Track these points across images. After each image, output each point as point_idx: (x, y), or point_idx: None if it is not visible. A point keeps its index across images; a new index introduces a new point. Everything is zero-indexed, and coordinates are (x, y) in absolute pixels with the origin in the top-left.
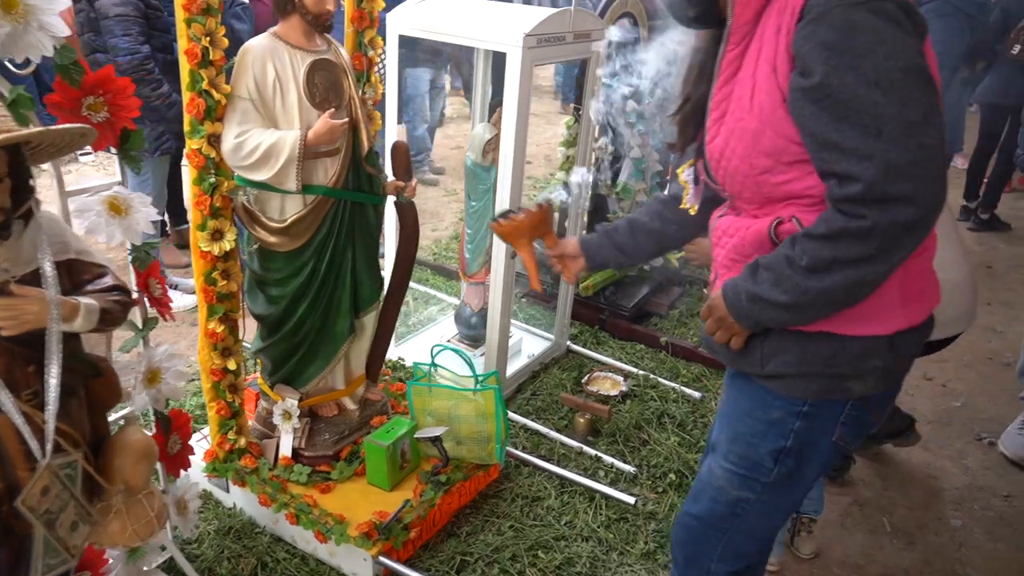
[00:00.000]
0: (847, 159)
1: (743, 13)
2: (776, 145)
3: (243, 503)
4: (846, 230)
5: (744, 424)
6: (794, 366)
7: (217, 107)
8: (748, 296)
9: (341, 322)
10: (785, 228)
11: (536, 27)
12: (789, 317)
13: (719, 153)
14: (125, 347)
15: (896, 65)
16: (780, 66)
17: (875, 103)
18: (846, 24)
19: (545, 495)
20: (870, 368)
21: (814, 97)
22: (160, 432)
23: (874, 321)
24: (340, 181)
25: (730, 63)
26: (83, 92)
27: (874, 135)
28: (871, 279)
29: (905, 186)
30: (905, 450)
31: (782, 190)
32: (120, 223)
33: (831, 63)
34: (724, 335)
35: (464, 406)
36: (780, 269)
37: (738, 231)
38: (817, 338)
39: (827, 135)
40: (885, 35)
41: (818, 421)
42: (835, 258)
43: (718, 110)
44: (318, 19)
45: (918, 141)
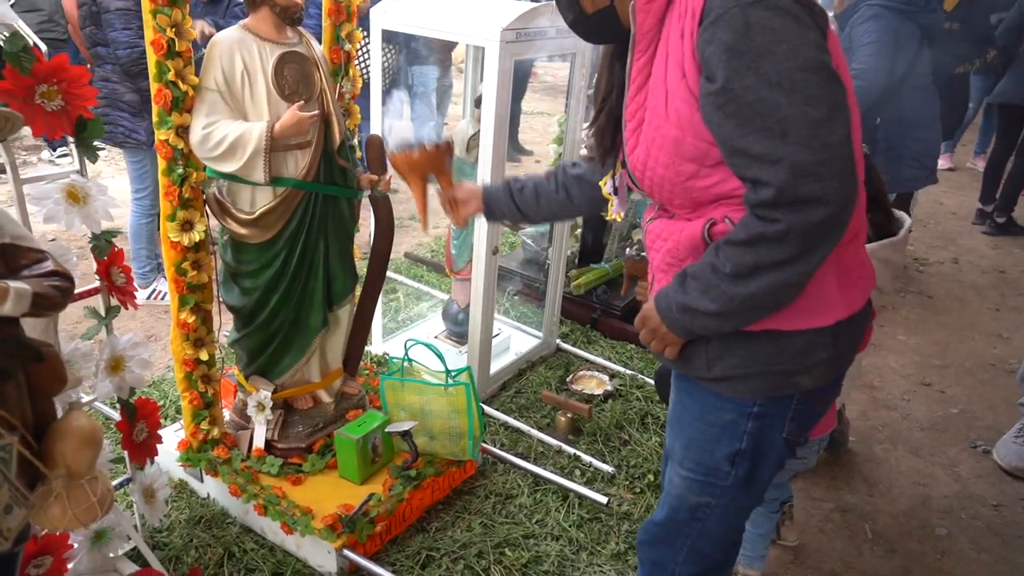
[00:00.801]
0: (757, 164)
1: (645, 20)
2: (698, 149)
3: (216, 493)
4: (763, 235)
5: (696, 429)
6: (741, 367)
7: (185, 98)
8: (678, 307)
9: (314, 315)
10: (719, 229)
11: (514, 21)
12: (721, 324)
13: (642, 164)
14: (88, 335)
15: (796, 64)
16: (688, 71)
17: (778, 104)
18: (743, 24)
19: (518, 493)
20: (816, 361)
21: (718, 102)
22: (125, 420)
23: (815, 314)
24: (311, 174)
25: (639, 71)
26: (36, 80)
27: (779, 138)
28: (795, 280)
29: (814, 187)
30: (895, 456)
31: (711, 192)
32: (79, 211)
33: (731, 66)
34: (659, 345)
35: (436, 401)
36: (707, 277)
37: (671, 235)
38: (761, 337)
39: (734, 141)
40: (783, 32)
41: (769, 420)
42: (757, 263)
43: (634, 120)
44: (287, 11)
45: (823, 140)
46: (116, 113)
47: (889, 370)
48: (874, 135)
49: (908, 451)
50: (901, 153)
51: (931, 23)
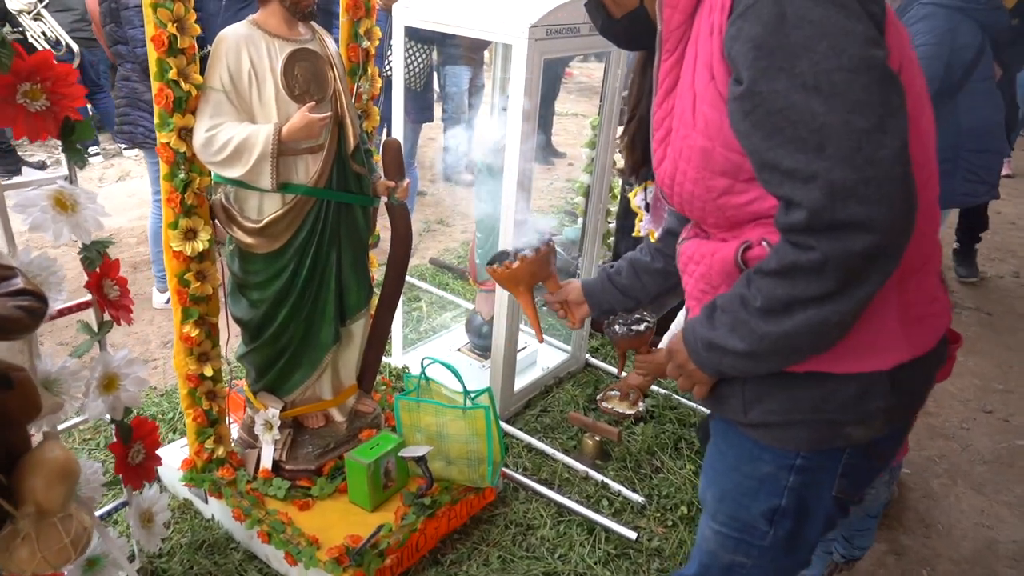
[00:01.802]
0: (788, 181)
1: (672, 16)
2: (730, 162)
3: (220, 515)
4: (797, 265)
5: (731, 480)
6: (781, 413)
7: (187, 98)
8: (704, 343)
9: (326, 329)
10: (754, 254)
11: (544, 17)
12: (752, 366)
13: (670, 178)
14: (78, 352)
15: (839, 63)
16: (718, 72)
17: (813, 111)
18: (776, 16)
19: (540, 524)
20: (870, 411)
21: (745, 108)
22: (119, 442)
23: (870, 355)
24: (323, 180)
25: (667, 74)
26: (17, 78)
27: (814, 151)
28: (836, 319)
29: (856, 210)
30: (954, 492)
31: (747, 211)
32: (67, 220)
33: (759, 65)
34: (686, 382)
35: (454, 424)
36: (735, 311)
37: (704, 258)
38: (805, 379)
39: (763, 153)
40: (825, 25)
41: (815, 475)
42: (791, 298)
43: (661, 128)
44: (297, 5)
45: (868, 154)
46: (136, 113)
47: (946, 394)
48: None
49: (969, 487)
50: (956, 165)
51: (994, 21)
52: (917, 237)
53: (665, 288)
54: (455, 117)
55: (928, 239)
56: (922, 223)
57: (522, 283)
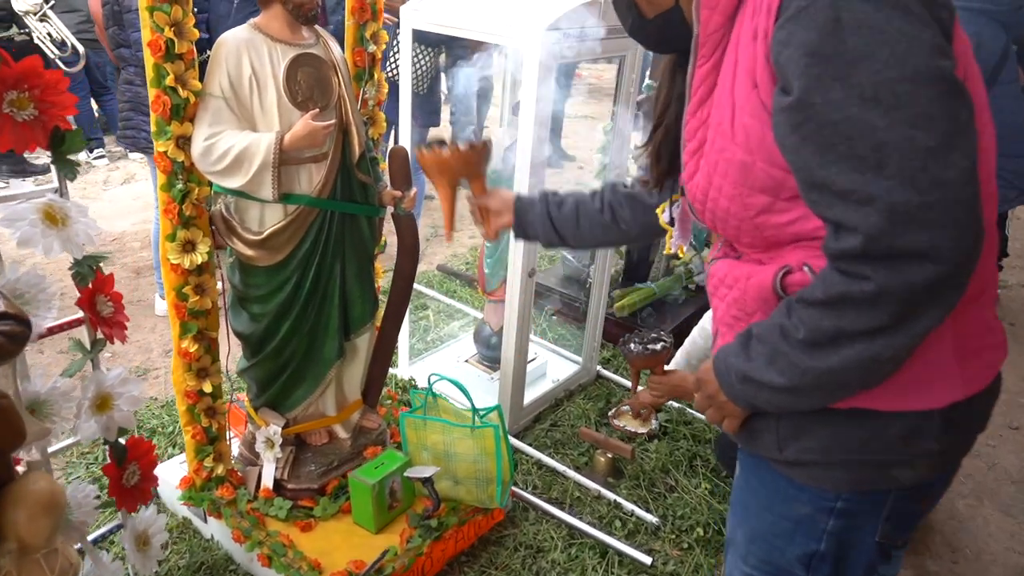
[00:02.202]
0: (841, 203)
1: (711, 18)
2: (771, 178)
3: (220, 536)
4: (848, 296)
5: (764, 521)
6: (820, 452)
7: (185, 105)
8: (739, 375)
9: (329, 344)
10: (795, 279)
11: (558, 20)
12: (791, 401)
13: (702, 193)
14: (69, 371)
15: (902, 72)
16: (761, 80)
17: (873, 126)
18: (832, 20)
19: (551, 546)
20: (920, 451)
21: (794, 120)
22: (113, 464)
23: (922, 392)
24: (327, 190)
25: (702, 81)
26: (3, 86)
27: (873, 170)
28: (889, 355)
29: (918, 237)
30: (982, 514)
31: (788, 231)
32: (58, 234)
33: (812, 73)
34: (716, 414)
35: (462, 443)
36: (774, 343)
37: (738, 281)
38: (848, 416)
39: (813, 171)
40: (887, 31)
41: (856, 518)
42: (839, 330)
43: (694, 139)
44: (300, 8)
45: (934, 175)
46: (139, 117)
47: None
48: None
49: (997, 509)
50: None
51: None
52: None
53: (601, 241)
54: (463, 120)
55: (987, 266)
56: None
57: (447, 174)
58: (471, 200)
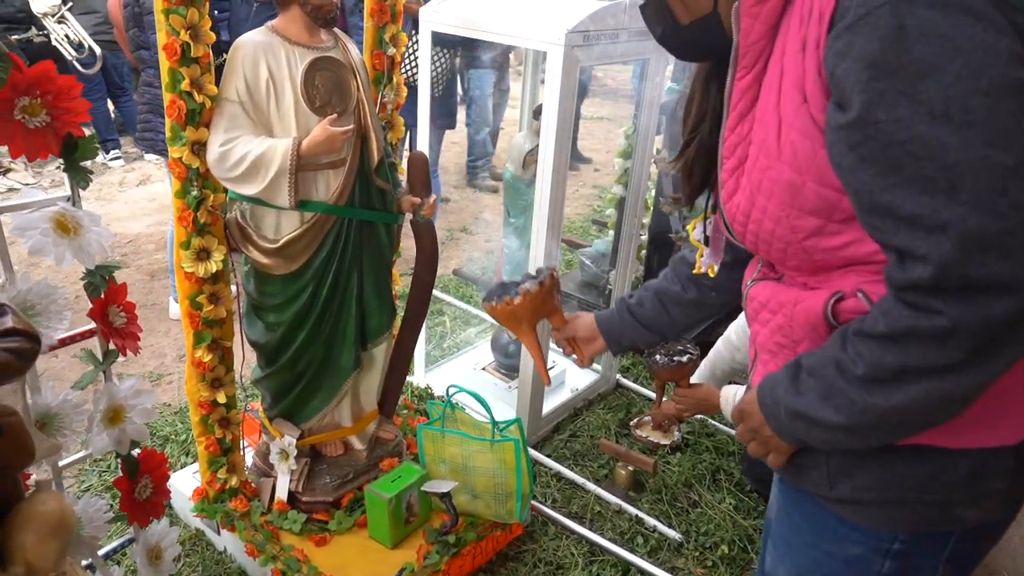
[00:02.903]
0: (907, 229)
1: (752, 26)
2: (823, 200)
3: (233, 548)
4: (915, 330)
5: (809, 558)
6: (877, 491)
7: (201, 110)
8: (789, 412)
9: (346, 354)
10: (847, 306)
11: (582, 22)
12: (848, 440)
13: (744, 214)
14: (81, 383)
15: (977, 85)
16: (812, 94)
17: (944, 145)
18: (895, 29)
19: (571, 564)
20: (988, 491)
21: (852, 139)
22: (125, 477)
23: (992, 427)
24: (344, 196)
25: (742, 94)
26: (14, 92)
27: (946, 193)
28: (961, 394)
29: (997, 268)
30: (1020, 535)
31: (840, 255)
32: (70, 243)
33: (874, 88)
34: (760, 448)
35: (481, 456)
36: (829, 378)
37: (783, 307)
38: (908, 453)
39: (875, 195)
40: (959, 40)
41: (916, 560)
42: (904, 367)
43: (733, 157)
44: (319, 11)
45: (1013, 199)
46: (158, 119)
47: None
48: None
49: None
50: None
51: None
52: None
53: (696, 320)
54: (479, 121)
55: None
56: None
57: (524, 321)
58: (556, 336)
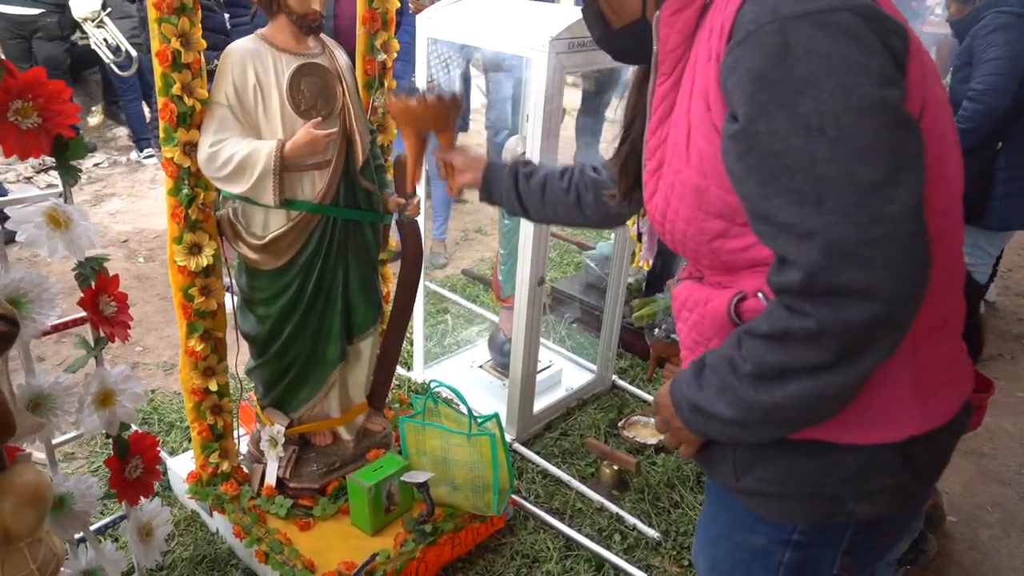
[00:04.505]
0: (783, 236)
1: (669, 36)
2: (726, 204)
3: (224, 530)
4: (789, 331)
5: (722, 548)
6: (776, 483)
7: (192, 113)
8: (690, 405)
9: (332, 347)
10: (749, 306)
11: (565, 30)
12: (740, 433)
13: (661, 214)
14: (73, 367)
15: (847, 103)
16: (714, 103)
17: (814, 158)
18: (779, 46)
19: (547, 557)
20: (877, 487)
21: (739, 148)
22: (116, 457)
23: (878, 425)
24: (329, 196)
25: (661, 99)
26: (8, 96)
27: (813, 204)
28: (834, 392)
29: (856, 276)
30: (1007, 546)
31: (745, 257)
32: (62, 236)
33: (757, 101)
34: (673, 440)
35: (460, 450)
36: (724, 375)
37: (697, 305)
38: (802, 448)
39: (757, 202)
40: (835, 59)
41: (814, 551)
42: (783, 366)
43: (654, 159)
44: (304, 19)
45: (874, 211)
46: None
47: (1004, 434)
48: (994, 163)
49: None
50: None
51: None
52: (935, 295)
53: (563, 220)
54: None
55: (949, 297)
56: (943, 279)
57: (415, 124)
58: (437, 153)
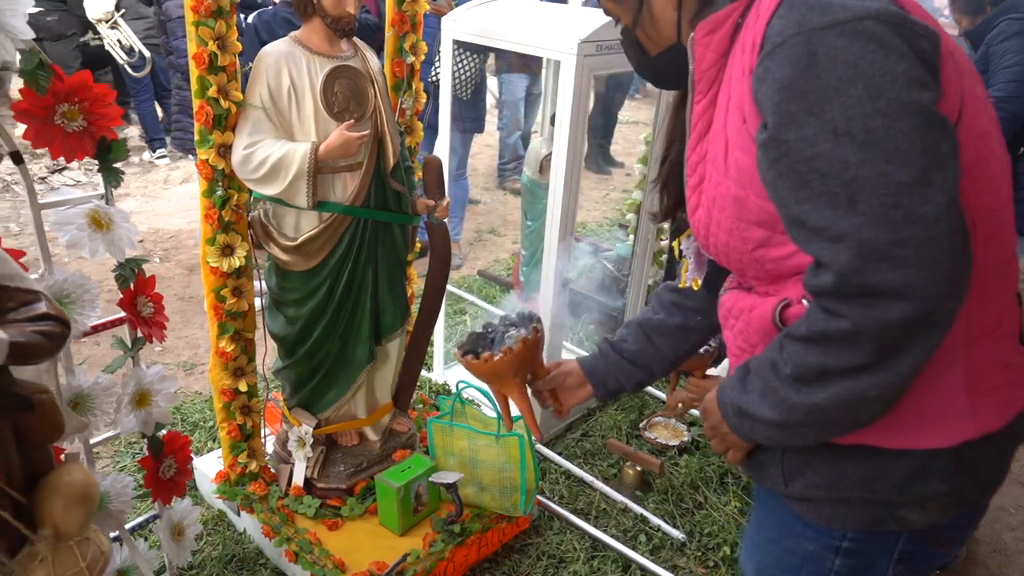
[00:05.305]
0: (816, 240)
1: (705, 55)
2: (765, 212)
3: (251, 530)
4: (827, 333)
5: (771, 553)
6: (826, 488)
7: (227, 116)
8: (734, 409)
9: (360, 348)
10: (793, 312)
11: (594, 32)
12: (784, 437)
13: (704, 228)
14: (111, 367)
15: (875, 107)
16: (749, 115)
17: (845, 162)
18: (806, 56)
19: (573, 558)
20: (930, 493)
21: (770, 156)
22: (151, 456)
23: (929, 429)
24: (360, 198)
25: (700, 116)
26: (55, 99)
27: (845, 206)
28: (876, 393)
29: (890, 275)
30: None
31: (787, 265)
32: (103, 238)
33: (784, 110)
34: (720, 445)
35: (487, 450)
36: (767, 377)
37: (742, 313)
38: (850, 453)
39: (790, 208)
40: (861, 66)
41: (865, 558)
42: (824, 367)
43: (695, 175)
44: (338, 22)
45: (907, 211)
46: (187, 120)
47: None
48: (1016, 168)
49: None
50: None
51: None
52: (986, 296)
53: (684, 348)
54: (511, 125)
55: (1000, 297)
56: (992, 279)
57: (506, 376)
58: (535, 385)
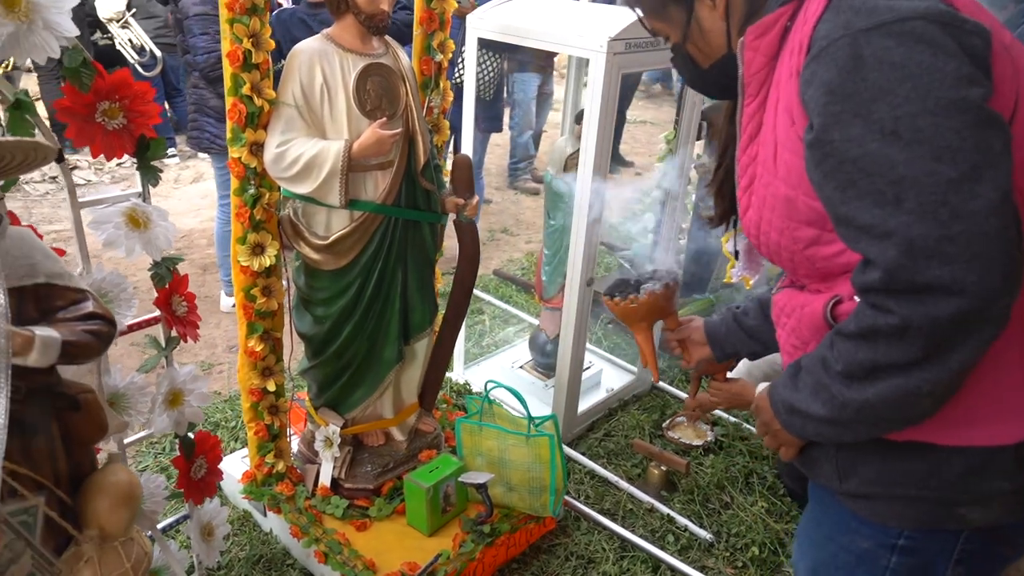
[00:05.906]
0: (865, 237)
1: (754, 59)
2: (814, 211)
3: (278, 530)
4: (876, 328)
5: (825, 551)
6: (881, 485)
7: (260, 113)
8: (785, 406)
9: (389, 348)
10: (845, 308)
11: (624, 30)
12: (835, 433)
13: (755, 227)
14: (145, 367)
15: (924, 106)
16: (797, 117)
17: (892, 161)
18: (851, 58)
19: (602, 558)
20: (991, 490)
21: (816, 157)
22: (183, 456)
23: (988, 425)
24: (391, 196)
25: (749, 119)
26: (97, 97)
27: (892, 204)
28: (928, 389)
29: (939, 272)
30: None
31: (838, 262)
32: (140, 236)
33: (830, 111)
34: (772, 442)
35: (516, 450)
36: (818, 374)
37: (795, 310)
38: (905, 450)
39: (837, 207)
40: (909, 66)
41: (922, 557)
42: (874, 363)
43: (745, 176)
44: (372, 19)
45: (955, 208)
46: (203, 119)
47: None
48: None
49: None
50: None
51: None
52: None
53: None
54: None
55: None
56: None
57: (642, 319)
58: (668, 336)
